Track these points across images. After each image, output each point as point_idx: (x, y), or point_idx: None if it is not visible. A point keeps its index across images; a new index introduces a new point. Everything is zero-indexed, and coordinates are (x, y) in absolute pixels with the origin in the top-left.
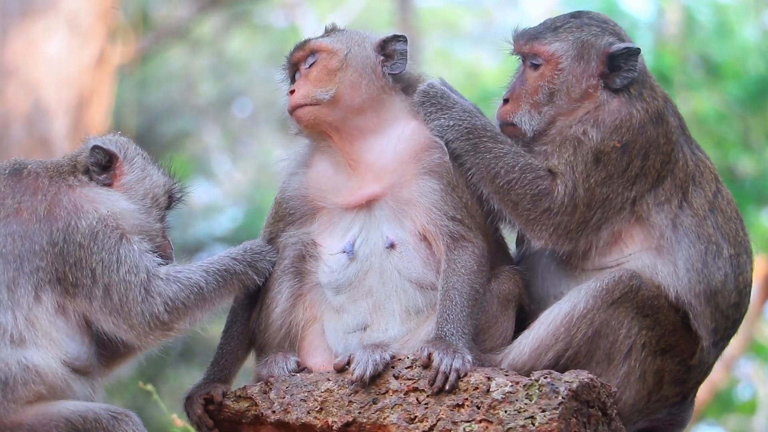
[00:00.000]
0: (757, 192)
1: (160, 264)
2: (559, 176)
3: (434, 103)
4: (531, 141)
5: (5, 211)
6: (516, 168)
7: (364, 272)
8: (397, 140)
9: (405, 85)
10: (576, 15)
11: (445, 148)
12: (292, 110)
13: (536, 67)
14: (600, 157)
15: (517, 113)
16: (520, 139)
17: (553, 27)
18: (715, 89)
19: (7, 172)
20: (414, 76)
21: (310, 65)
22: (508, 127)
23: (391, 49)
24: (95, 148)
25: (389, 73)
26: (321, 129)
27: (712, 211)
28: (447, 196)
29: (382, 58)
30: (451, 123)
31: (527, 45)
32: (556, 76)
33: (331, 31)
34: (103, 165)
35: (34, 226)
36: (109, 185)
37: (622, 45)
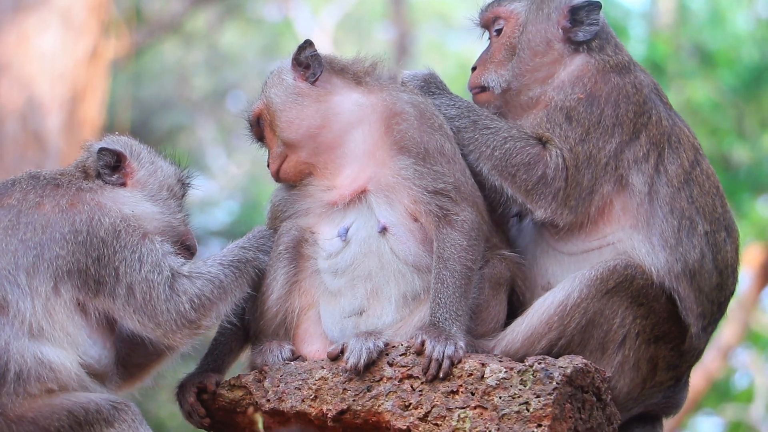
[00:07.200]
0: (752, 180)
1: (182, 264)
2: (549, 143)
3: (435, 89)
4: (506, 108)
5: (27, 204)
6: (510, 138)
7: (363, 255)
8: (361, 135)
9: (340, 79)
10: None
11: (407, 114)
12: (276, 177)
13: (500, 32)
14: (570, 114)
15: (484, 75)
16: (491, 103)
17: None
18: (709, 78)
19: (25, 176)
20: (344, 63)
21: (264, 127)
22: (478, 90)
23: (303, 57)
24: (102, 150)
25: (312, 81)
26: (303, 175)
27: (688, 182)
28: (420, 168)
29: (299, 72)
30: (454, 102)
31: (489, 11)
32: (517, 31)
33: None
34: (112, 166)
35: (57, 216)
36: (123, 185)
37: None
